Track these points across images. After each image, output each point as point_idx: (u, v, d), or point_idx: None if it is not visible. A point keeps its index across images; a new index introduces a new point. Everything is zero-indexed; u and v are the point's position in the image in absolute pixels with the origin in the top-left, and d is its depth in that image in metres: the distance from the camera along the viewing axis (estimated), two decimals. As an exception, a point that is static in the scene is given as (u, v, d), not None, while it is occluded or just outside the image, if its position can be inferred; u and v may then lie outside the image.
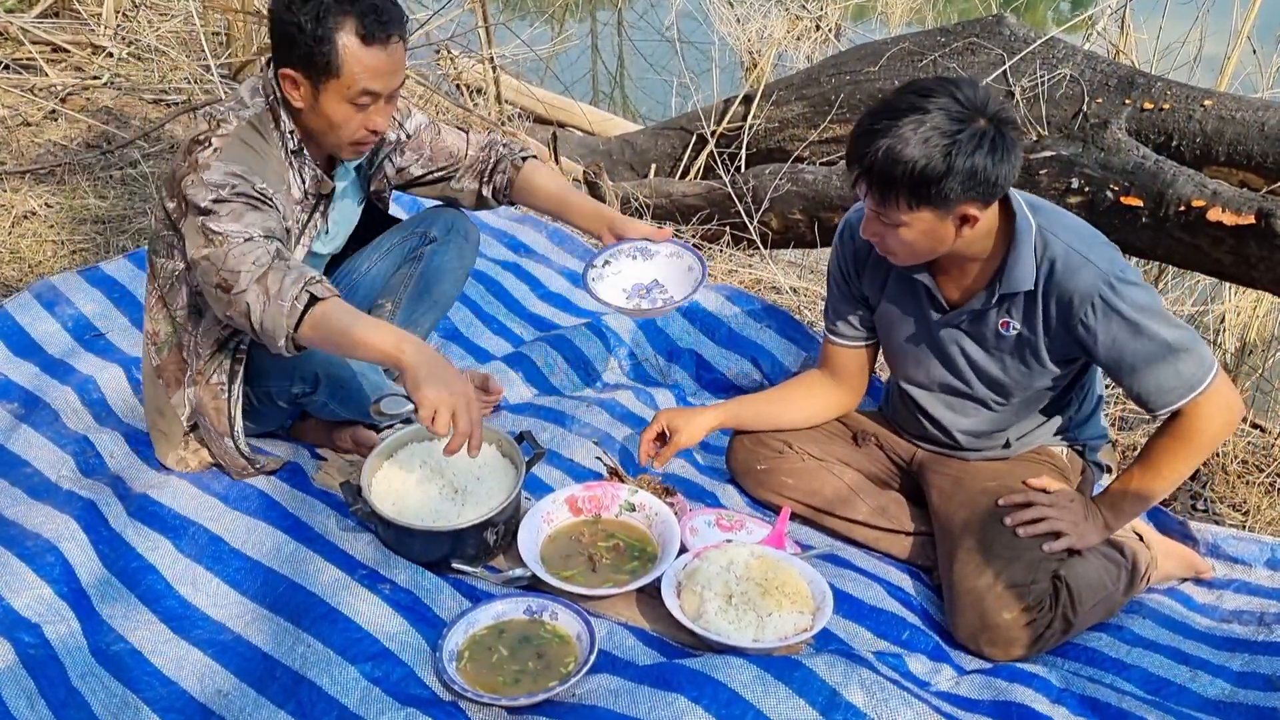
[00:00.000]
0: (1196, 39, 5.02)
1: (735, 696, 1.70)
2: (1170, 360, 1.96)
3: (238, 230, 1.95)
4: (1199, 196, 3.09)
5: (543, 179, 2.41)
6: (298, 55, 2.00)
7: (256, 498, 2.21)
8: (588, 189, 4.19)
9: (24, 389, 2.56)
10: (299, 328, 1.91)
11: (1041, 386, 2.14)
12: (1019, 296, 2.04)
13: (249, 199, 1.99)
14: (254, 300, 1.91)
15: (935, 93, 1.85)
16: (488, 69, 4.79)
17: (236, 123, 2.06)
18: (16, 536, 2.08)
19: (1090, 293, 1.95)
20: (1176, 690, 2.03)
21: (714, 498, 2.41)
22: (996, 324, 2.09)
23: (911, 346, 2.22)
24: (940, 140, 1.83)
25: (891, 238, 1.96)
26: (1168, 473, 2.06)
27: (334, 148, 2.12)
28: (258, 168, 2.04)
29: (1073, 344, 2.03)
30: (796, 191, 3.87)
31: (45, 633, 1.89)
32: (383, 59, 2.00)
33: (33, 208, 3.48)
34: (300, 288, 1.91)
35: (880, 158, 1.85)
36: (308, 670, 1.83)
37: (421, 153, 2.37)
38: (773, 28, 6.77)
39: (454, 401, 1.86)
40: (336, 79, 2.00)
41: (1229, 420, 2.02)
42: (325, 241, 2.30)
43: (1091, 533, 2.11)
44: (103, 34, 4.67)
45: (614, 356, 2.92)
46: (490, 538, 2.08)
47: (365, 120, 2.06)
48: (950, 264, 2.08)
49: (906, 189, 1.86)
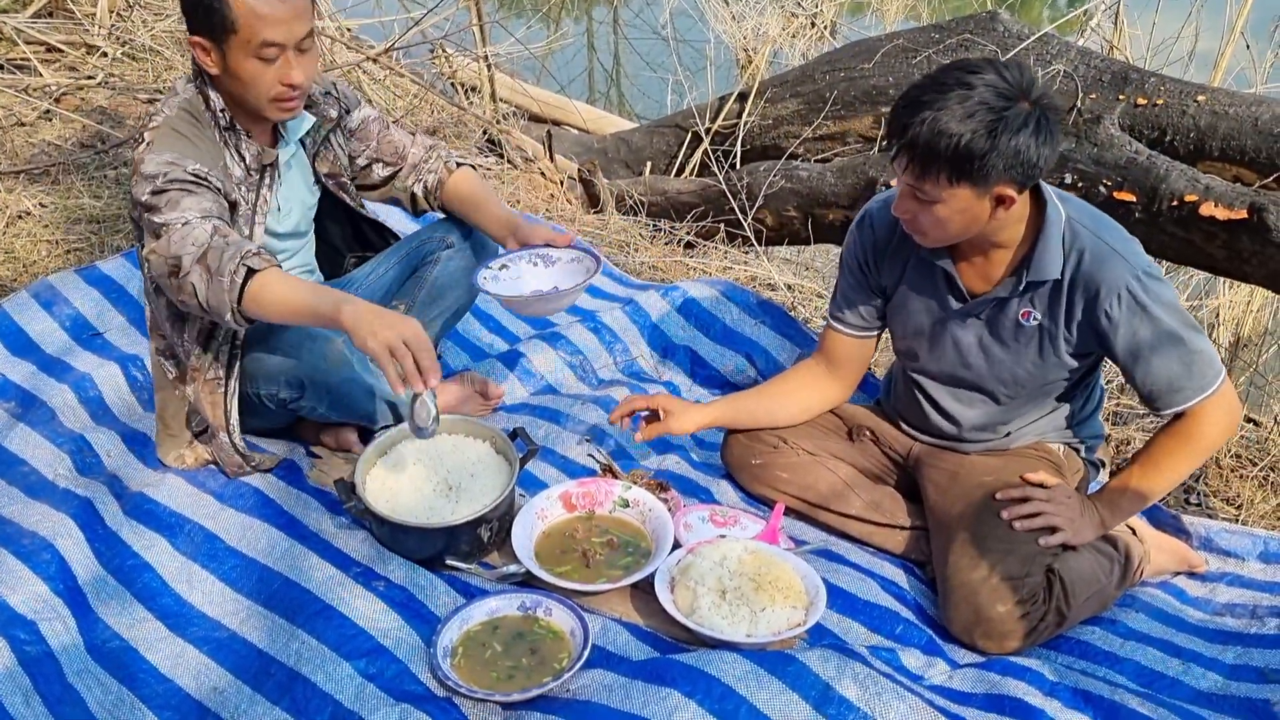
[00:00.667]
0: (1190, 35, 5.03)
1: (729, 691, 1.71)
2: (1185, 361, 1.97)
3: (175, 217, 1.98)
4: (1192, 191, 3.09)
5: (467, 185, 2.44)
6: (200, 20, 2.01)
7: (251, 495, 2.22)
8: (583, 187, 4.20)
9: (21, 388, 2.57)
10: (241, 300, 1.95)
11: (1053, 380, 2.15)
12: (1043, 287, 2.04)
13: (183, 184, 2.01)
14: (197, 280, 1.96)
15: (982, 70, 1.85)
16: (482, 67, 4.79)
17: (166, 114, 2.09)
18: (13, 534, 2.09)
19: (1117, 285, 1.96)
20: (1169, 683, 2.04)
21: (708, 493, 2.42)
22: (1017, 314, 2.09)
23: (926, 335, 2.22)
24: (986, 116, 1.82)
25: (925, 215, 1.95)
26: (1168, 472, 2.08)
27: (256, 109, 2.11)
28: (190, 152, 2.05)
29: (1092, 336, 2.04)
30: (791, 188, 3.88)
31: (41, 630, 1.90)
32: (278, 7, 1.99)
33: (27, 207, 3.49)
34: (237, 262, 1.95)
35: (925, 129, 1.84)
36: (302, 667, 1.84)
37: (368, 143, 2.40)
38: (768, 25, 6.78)
39: (391, 337, 1.86)
40: (235, 34, 1.99)
41: (1231, 424, 2.03)
42: (280, 219, 2.29)
43: (1087, 529, 2.12)
44: (97, 34, 4.67)
45: (609, 354, 2.93)
46: (484, 534, 2.09)
47: (279, 74, 2.05)
48: (974, 251, 2.08)
49: (948, 163, 1.85)
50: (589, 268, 2.30)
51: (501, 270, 2.30)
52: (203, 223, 1.98)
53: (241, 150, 2.15)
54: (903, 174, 1.92)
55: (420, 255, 2.47)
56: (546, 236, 2.33)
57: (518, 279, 2.30)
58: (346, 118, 2.37)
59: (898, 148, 1.89)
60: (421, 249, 2.48)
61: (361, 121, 2.39)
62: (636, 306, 3.03)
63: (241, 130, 2.14)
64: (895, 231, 2.18)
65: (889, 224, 2.19)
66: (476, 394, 2.59)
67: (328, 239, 2.51)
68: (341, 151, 2.38)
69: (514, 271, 2.32)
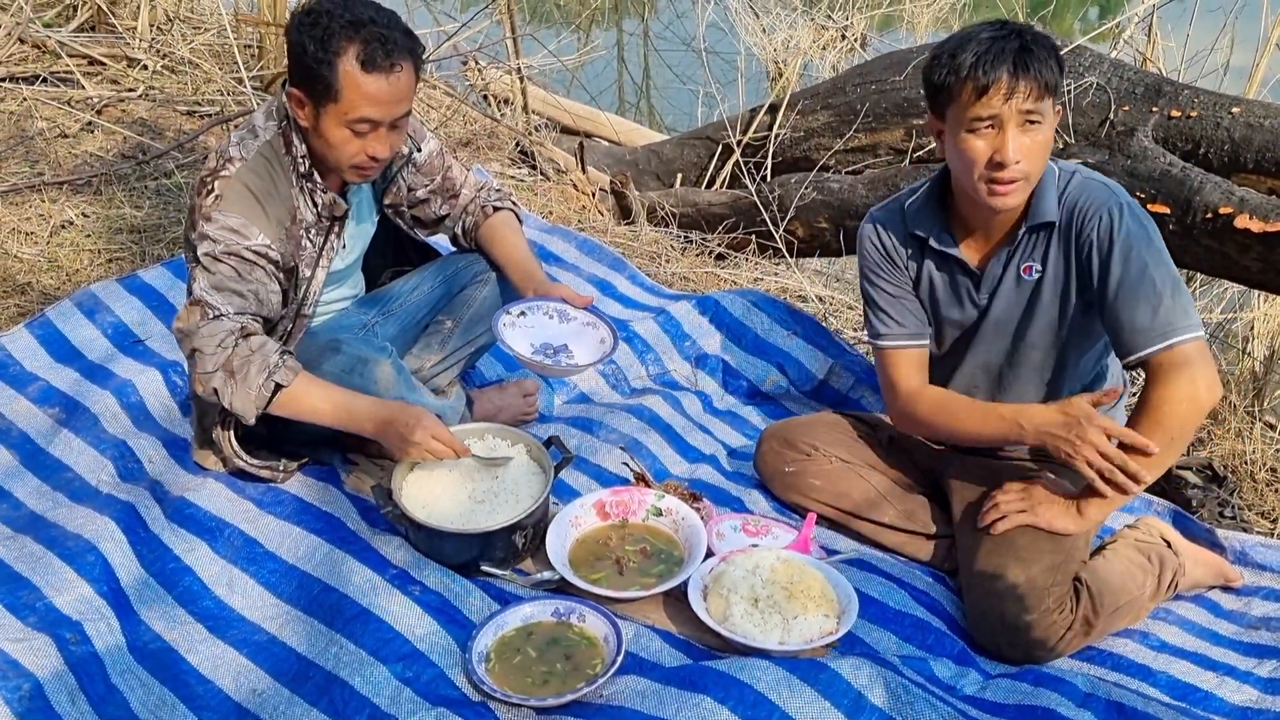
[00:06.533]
0: (1225, 46, 4.99)
1: (761, 698, 1.72)
2: (1152, 299, 1.96)
3: (213, 304, 2.05)
4: (1226, 203, 3.08)
5: (501, 231, 2.45)
6: (302, 76, 2.02)
7: (290, 501, 2.25)
8: (615, 199, 4.23)
9: (65, 394, 2.62)
10: (266, 408, 2.08)
11: (1073, 351, 2.15)
12: (1040, 237, 2.08)
13: (240, 260, 2.06)
14: (221, 386, 2.06)
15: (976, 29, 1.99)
16: (515, 79, 4.83)
17: (240, 163, 2.10)
18: (58, 537, 2.13)
19: (1101, 209, 2.02)
20: (1203, 696, 2.03)
21: (740, 503, 2.43)
22: (1019, 272, 2.12)
23: (958, 334, 2.24)
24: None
25: (1038, 148, 1.98)
26: (1144, 458, 1.99)
27: (335, 169, 2.14)
28: (258, 218, 2.08)
29: (1087, 276, 2.05)
30: (822, 200, 3.89)
31: (86, 630, 1.94)
32: (383, 88, 2.01)
33: (70, 217, 3.55)
34: (265, 376, 2.04)
35: (1029, 44, 1.92)
36: (340, 670, 1.86)
37: (433, 177, 2.42)
38: (799, 38, 6.79)
39: (422, 438, 2.08)
40: (335, 103, 2.01)
41: (1195, 395, 1.95)
42: (342, 256, 2.33)
43: (1060, 516, 2.08)
44: (138, 47, 4.75)
45: (641, 363, 2.95)
46: (519, 541, 2.11)
47: (365, 146, 2.07)
48: (978, 223, 2.13)
49: (1055, 71, 1.94)
50: (603, 338, 2.29)
51: (520, 317, 2.30)
52: (234, 320, 2.06)
53: (316, 198, 2.17)
54: (1020, 104, 1.93)
55: (469, 275, 2.47)
56: (565, 294, 2.32)
57: (532, 329, 2.30)
58: (416, 154, 2.39)
59: (1008, 79, 1.91)
60: (470, 268, 2.48)
61: (428, 156, 2.40)
62: (669, 316, 3.05)
63: (317, 179, 2.16)
64: (904, 235, 2.22)
65: (899, 227, 2.23)
66: (518, 398, 2.62)
67: (368, 252, 2.54)
68: (405, 183, 2.40)
69: (530, 320, 2.31)
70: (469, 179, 2.48)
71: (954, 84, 1.96)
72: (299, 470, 2.35)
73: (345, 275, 2.41)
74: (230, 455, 2.25)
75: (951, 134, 2.01)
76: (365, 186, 2.35)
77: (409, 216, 2.47)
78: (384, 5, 2.09)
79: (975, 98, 1.94)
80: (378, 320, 2.45)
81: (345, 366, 2.22)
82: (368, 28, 1.98)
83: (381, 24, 2.00)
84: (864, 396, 2.85)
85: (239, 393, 2.05)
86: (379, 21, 2.00)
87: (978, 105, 1.94)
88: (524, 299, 2.33)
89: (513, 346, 2.21)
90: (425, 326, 2.50)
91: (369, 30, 1.98)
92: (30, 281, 3.23)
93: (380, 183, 2.38)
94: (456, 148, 4.42)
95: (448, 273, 2.50)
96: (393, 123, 2.07)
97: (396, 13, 2.07)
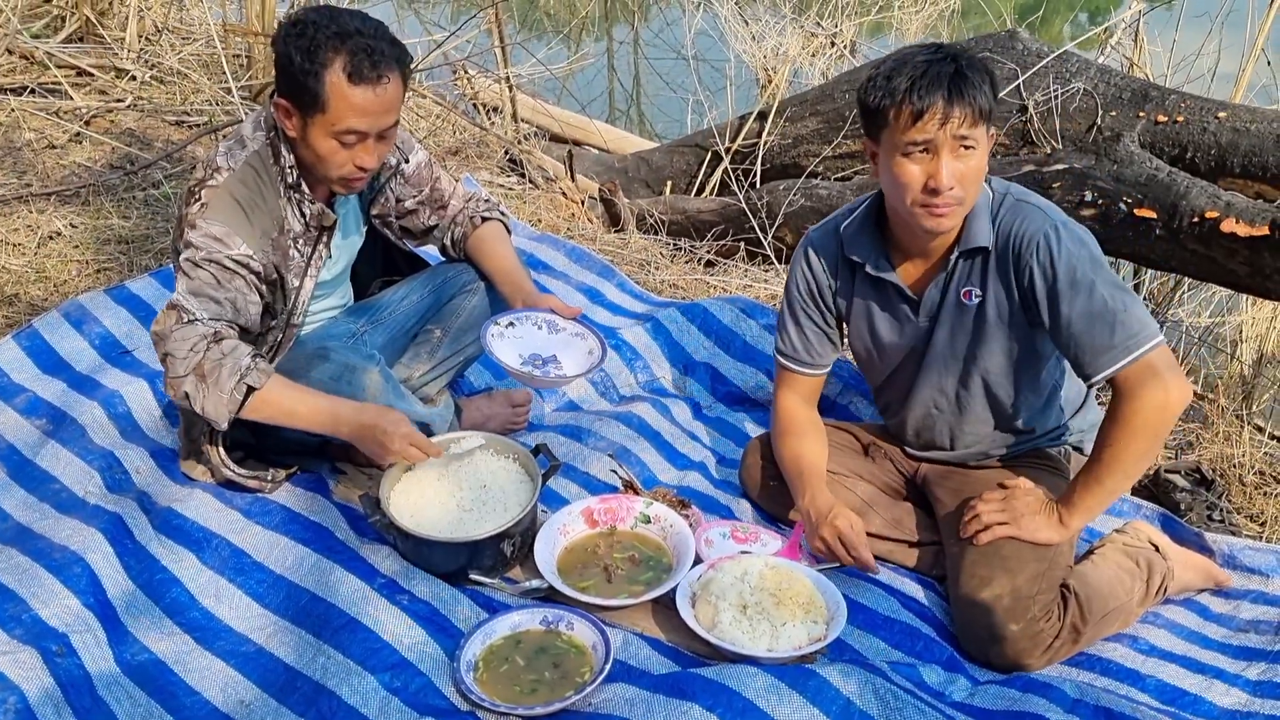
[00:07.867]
0: (1211, 51, 5.02)
1: (750, 705, 1.72)
2: (1107, 320, 1.94)
3: (188, 308, 2.05)
4: (1212, 208, 3.09)
5: (489, 242, 2.46)
6: (289, 87, 2.02)
7: (277, 511, 2.25)
8: (604, 206, 4.23)
9: (52, 405, 2.61)
10: (239, 411, 2.07)
11: (1028, 368, 2.14)
12: (978, 261, 2.07)
13: (220, 268, 2.06)
14: (192, 390, 2.05)
15: (910, 52, 1.98)
16: (504, 88, 4.83)
17: (227, 173, 2.10)
18: (44, 549, 2.12)
19: (1037, 234, 2.00)
20: (1192, 700, 2.03)
21: (728, 511, 2.43)
22: (959, 296, 2.11)
23: (904, 358, 2.24)
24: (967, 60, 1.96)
25: (972, 173, 1.96)
26: (1110, 460, 1.99)
27: (322, 180, 2.14)
28: (242, 228, 2.08)
29: (1031, 301, 2.03)
30: (811, 207, 3.90)
31: (72, 642, 1.92)
32: (370, 99, 2.00)
33: (58, 228, 3.54)
34: (237, 379, 2.03)
35: (964, 69, 1.91)
36: (328, 680, 1.86)
37: (421, 189, 2.42)
38: (788, 45, 6.80)
39: (399, 446, 2.07)
40: (322, 114, 2.01)
41: (1166, 402, 1.93)
42: (329, 266, 2.33)
43: (1043, 528, 2.08)
44: (126, 58, 4.75)
45: (630, 371, 2.95)
46: (507, 549, 2.11)
47: (353, 157, 2.07)
48: (915, 249, 2.12)
49: (990, 97, 1.94)
50: (592, 349, 2.30)
51: (508, 328, 2.31)
52: (207, 325, 2.05)
53: (303, 209, 2.17)
54: (954, 129, 1.91)
55: (457, 285, 2.48)
56: (553, 305, 2.34)
57: (520, 339, 2.31)
58: (404, 165, 2.39)
59: (943, 106, 1.90)
60: (459, 278, 2.48)
61: (416, 167, 2.41)
62: (657, 324, 3.05)
63: (305, 189, 2.16)
64: (838, 260, 2.23)
65: (833, 253, 2.24)
66: (506, 407, 2.62)
67: (357, 261, 2.54)
68: (392, 195, 2.40)
69: (519, 331, 2.32)
70: (458, 189, 2.48)
71: (889, 108, 1.94)
72: (287, 480, 2.34)
73: (333, 286, 2.41)
74: (218, 465, 2.25)
75: (886, 158, 1.99)
76: (352, 199, 2.35)
77: (397, 227, 2.47)
78: (372, 14, 2.09)
79: (910, 123, 1.92)
80: (367, 329, 2.45)
81: (333, 374, 2.22)
82: (354, 39, 1.98)
83: (368, 35, 2.00)
84: (852, 403, 2.85)
85: (211, 396, 2.04)
86: (366, 32, 2.00)
87: (912, 130, 1.92)
88: (513, 310, 2.34)
89: (501, 358, 2.21)
90: (414, 336, 2.50)
91: (355, 41, 1.98)
92: (18, 292, 3.22)
93: (367, 194, 2.38)
94: (446, 156, 4.42)
95: (437, 282, 2.50)
96: (380, 134, 2.07)
97: (384, 23, 2.07)
